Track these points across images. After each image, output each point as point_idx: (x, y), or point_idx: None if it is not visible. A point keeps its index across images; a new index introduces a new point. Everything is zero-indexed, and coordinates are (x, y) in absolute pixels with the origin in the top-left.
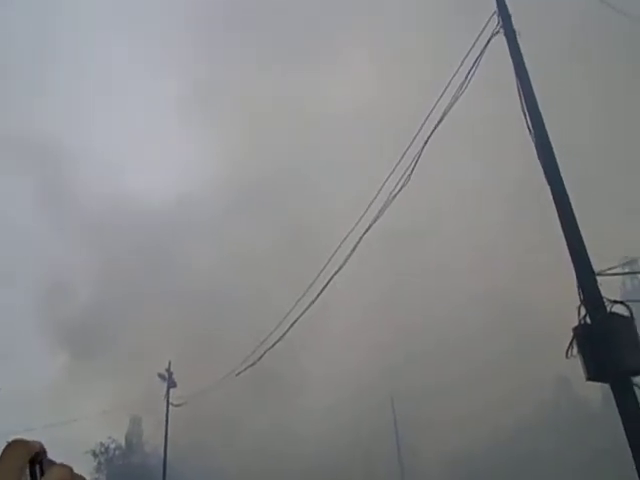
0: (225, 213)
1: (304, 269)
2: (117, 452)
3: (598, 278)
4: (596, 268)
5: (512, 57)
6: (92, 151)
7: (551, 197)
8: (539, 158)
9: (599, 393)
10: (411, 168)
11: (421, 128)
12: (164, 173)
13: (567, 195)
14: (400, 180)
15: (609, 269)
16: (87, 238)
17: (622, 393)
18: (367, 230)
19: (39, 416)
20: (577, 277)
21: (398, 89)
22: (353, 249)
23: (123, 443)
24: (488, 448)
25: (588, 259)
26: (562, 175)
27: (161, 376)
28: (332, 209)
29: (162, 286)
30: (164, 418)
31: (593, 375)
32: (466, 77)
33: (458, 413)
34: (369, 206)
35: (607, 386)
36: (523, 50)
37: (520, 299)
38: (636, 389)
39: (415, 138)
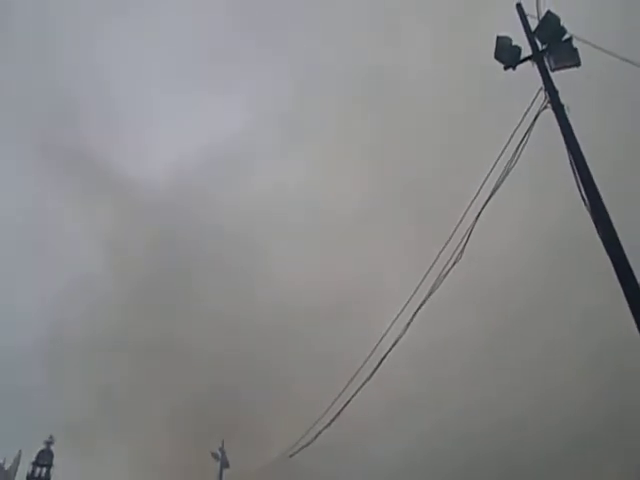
0: None
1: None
2: None
3: None
4: None
5: (562, 131)
6: None
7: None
8: (597, 231)
9: None
10: (462, 244)
11: (470, 204)
12: None
13: (631, 269)
14: (452, 255)
15: None
16: None
17: None
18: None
19: None
20: None
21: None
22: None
23: None
24: None
25: None
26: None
27: (214, 455)
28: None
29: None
30: None
31: None
32: (515, 151)
33: None
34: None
35: None
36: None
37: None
38: None
39: (465, 214)
